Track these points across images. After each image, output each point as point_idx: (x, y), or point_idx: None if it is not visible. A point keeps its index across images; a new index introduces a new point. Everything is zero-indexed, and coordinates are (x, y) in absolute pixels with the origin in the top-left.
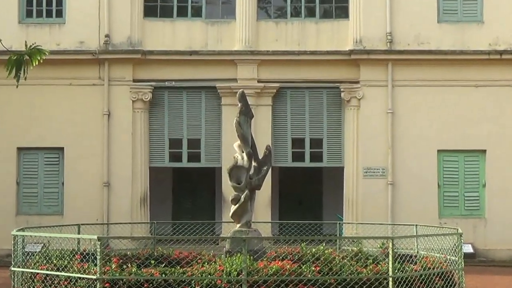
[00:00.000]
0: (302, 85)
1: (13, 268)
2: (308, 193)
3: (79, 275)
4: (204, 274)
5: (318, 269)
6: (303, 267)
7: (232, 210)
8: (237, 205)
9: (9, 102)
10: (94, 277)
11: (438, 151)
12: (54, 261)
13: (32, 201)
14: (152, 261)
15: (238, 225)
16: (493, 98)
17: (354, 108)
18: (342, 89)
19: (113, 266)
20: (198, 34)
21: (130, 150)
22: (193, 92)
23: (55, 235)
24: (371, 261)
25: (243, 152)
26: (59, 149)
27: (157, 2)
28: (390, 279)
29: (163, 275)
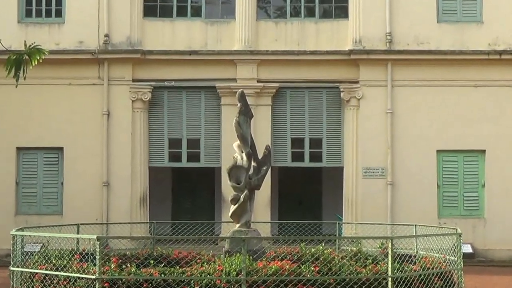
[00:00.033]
0: (301, 85)
1: (12, 268)
2: (308, 193)
3: (78, 275)
4: (203, 274)
5: (318, 269)
6: (302, 267)
7: (231, 210)
8: (236, 205)
9: (8, 101)
10: (93, 277)
11: (438, 151)
12: (53, 261)
13: (31, 201)
14: (151, 261)
15: (238, 225)
16: (492, 98)
17: (354, 108)
18: (341, 89)
19: (112, 266)
20: (197, 34)
21: (130, 150)
22: (193, 92)
23: (54, 235)
24: (370, 261)
25: (242, 152)
26: (58, 149)
27: (156, 2)
28: (389, 279)
29: (162, 275)
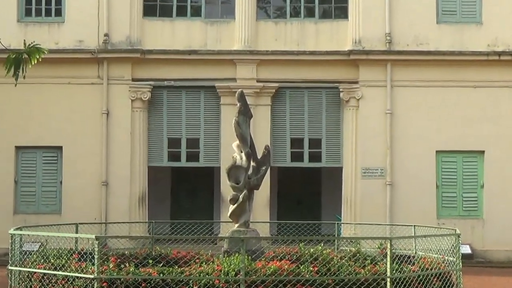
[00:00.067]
0: (301, 85)
1: (10, 267)
2: (307, 193)
3: (76, 274)
4: (202, 274)
5: (316, 269)
6: (301, 267)
7: (230, 210)
8: (235, 205)
9: (7, 100)
10: (92, 276)
11: (437, 151)
12: (52, 260)
13: (30, 200)
14: (150, 261)
15: (237, 225)
16: (491, 99)
17: (353, 108)
18: (341, 89)
19: (111, 265)
20: (197, 33)
21: (129, 149)
22: (192, 92)
23: (53, 234)
24: (369, 261)
25: (241, 152)
26: (57, 148)
27: (156, 2)
28: (388, 279)
29: (161, 274)
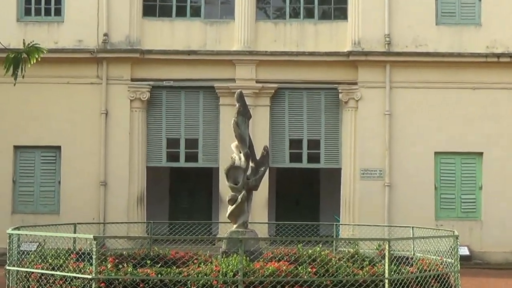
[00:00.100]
0: (300, 86)
1: (8, 267)
2: (305, 194)
3: (74, 274)
4: (200, 275)
5: (314, 270)
6: (299, 268)
7: (229, 211)
8: (234, 206)
9: (6, 100)
10: (90, 276)
11: (435, 153)
12: (50, 260)
13: (28, 199)
14: (148, 261)
15: (235, 226)
16: (490, 100)
17: (352, 109)
18: (340, 90)
19: (109, 265)
20: (196, 34)
21: (128, 149)
22: (191, 92)
23: (51, 234)
24: (367, 262)
25: (240, 152)
26: (56, 148)
27: (156, 2)
28: (386, 281)
29: (159, 275)
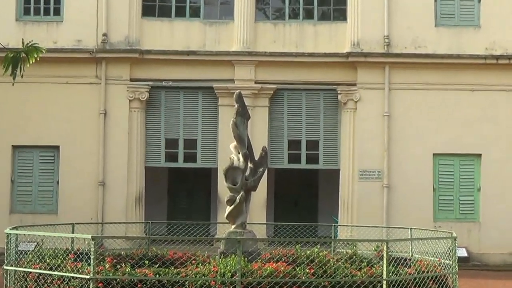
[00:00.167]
0: (299, 87)
1: (5, 267)
2: (304, 195)
3: (72, 274)
4: (198, 275)
5: (313, 271)
6: (297, 269)
7: (227, 211)
8: (232, 206)
9: (5, 99)
10: (88, 276)
11: (434, 154)
12: (48, 260)
13: (26, 199)
14: (146, 261)
15: (233, 226)
16: (489, 102)
17: (351, 110)
18: (339, 91)
19: (107, 266)
20: (196, 34)
21: (126, 149)
22: (190, 92)
23: (49, 234)
24: (365, 264)
25: (239, 153)
26: (54, 148)
27: (155, 2)
28: (384, 282)
29: (157, 275)
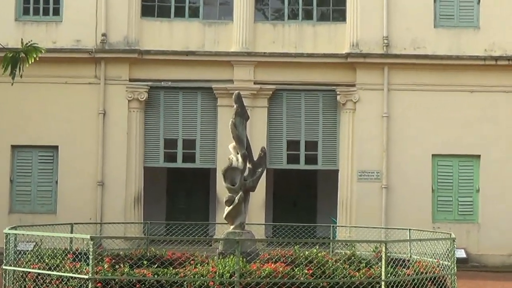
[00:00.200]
0: (298, 88)
1: (4, 267)
2: (303, 195)
3: (71, 274)
4: (196, 276)
5: (311, 272)
6: (296, 270)
7: (226, 212)
8: (231, 207)
9: (4, 99)
10: (86, 276)
11: (433, 155)
12: (46, 260)
13: (25, 199)
14: (145, 262)
15: (232, 227)
16: (488, 103)
17: (350, 111)
18: (338, 92)
19: (106, 266)
20: (195, 34)
21: (125, 149)
22: (189, 93)
23: (48, 234)
24: (364, 264)
25: (238, 153)
26: (53, 148)
27: (154, 2)
28: (383, 283)
29: (156, 275)
